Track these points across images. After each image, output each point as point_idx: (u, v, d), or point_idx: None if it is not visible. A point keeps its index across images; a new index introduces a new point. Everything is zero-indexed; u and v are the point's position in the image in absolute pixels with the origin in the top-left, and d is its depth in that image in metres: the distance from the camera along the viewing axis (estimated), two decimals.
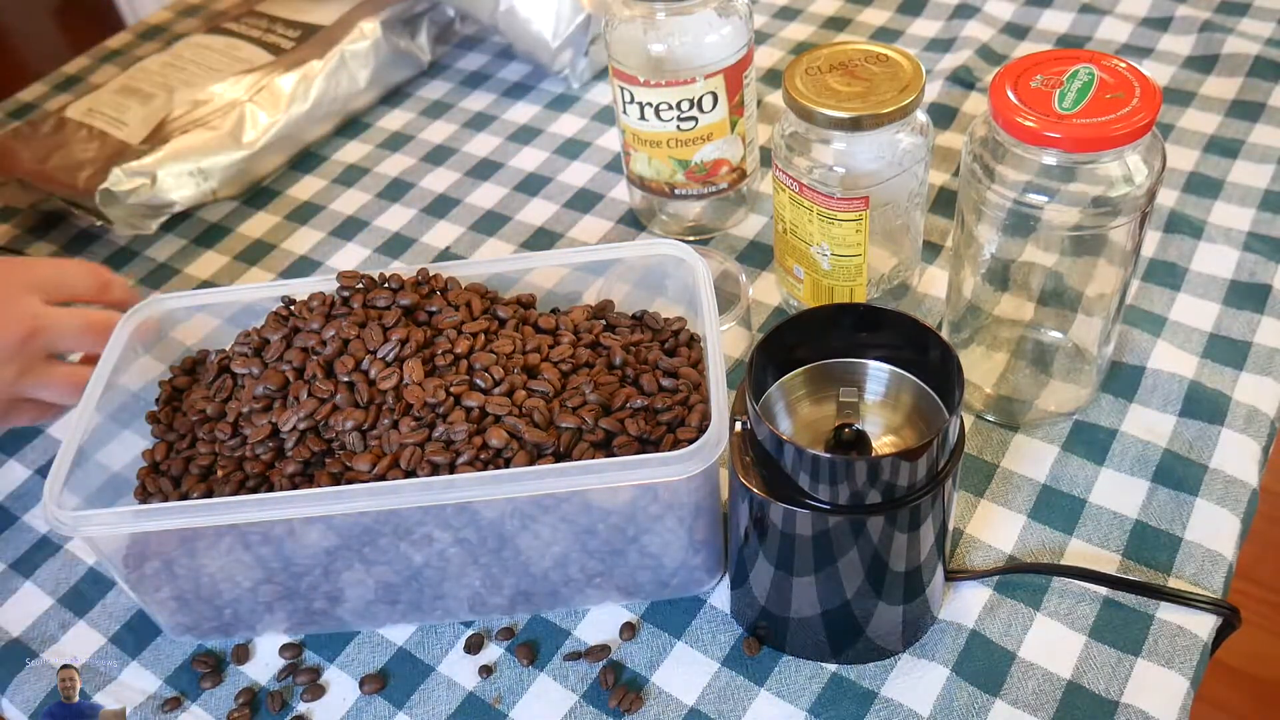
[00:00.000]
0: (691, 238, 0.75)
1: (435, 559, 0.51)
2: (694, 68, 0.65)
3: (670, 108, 0.67)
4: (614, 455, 0.50)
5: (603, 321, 0.58)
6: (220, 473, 0.53)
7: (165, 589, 0.52)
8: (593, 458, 0.50)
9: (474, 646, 0.54)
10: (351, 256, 0.78)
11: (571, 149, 0.85)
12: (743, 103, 0.69)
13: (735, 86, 0.67)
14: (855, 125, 0.57)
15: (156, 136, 0.80)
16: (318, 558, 0.51)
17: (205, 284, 0.78)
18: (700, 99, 0.66)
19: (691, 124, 0.68)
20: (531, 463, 0.50)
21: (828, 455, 0.44)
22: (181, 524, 0.48)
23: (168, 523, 0.48)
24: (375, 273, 0.57)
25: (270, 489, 0.52)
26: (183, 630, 0.55)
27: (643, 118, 0.68)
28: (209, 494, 0.53)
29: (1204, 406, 0.60)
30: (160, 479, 0.54)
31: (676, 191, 0.72)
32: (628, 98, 0.68)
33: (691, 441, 0.47)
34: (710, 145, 0.69)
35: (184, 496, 0.53)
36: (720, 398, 0.48)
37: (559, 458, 0.50)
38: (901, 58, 0.59)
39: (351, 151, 0.88)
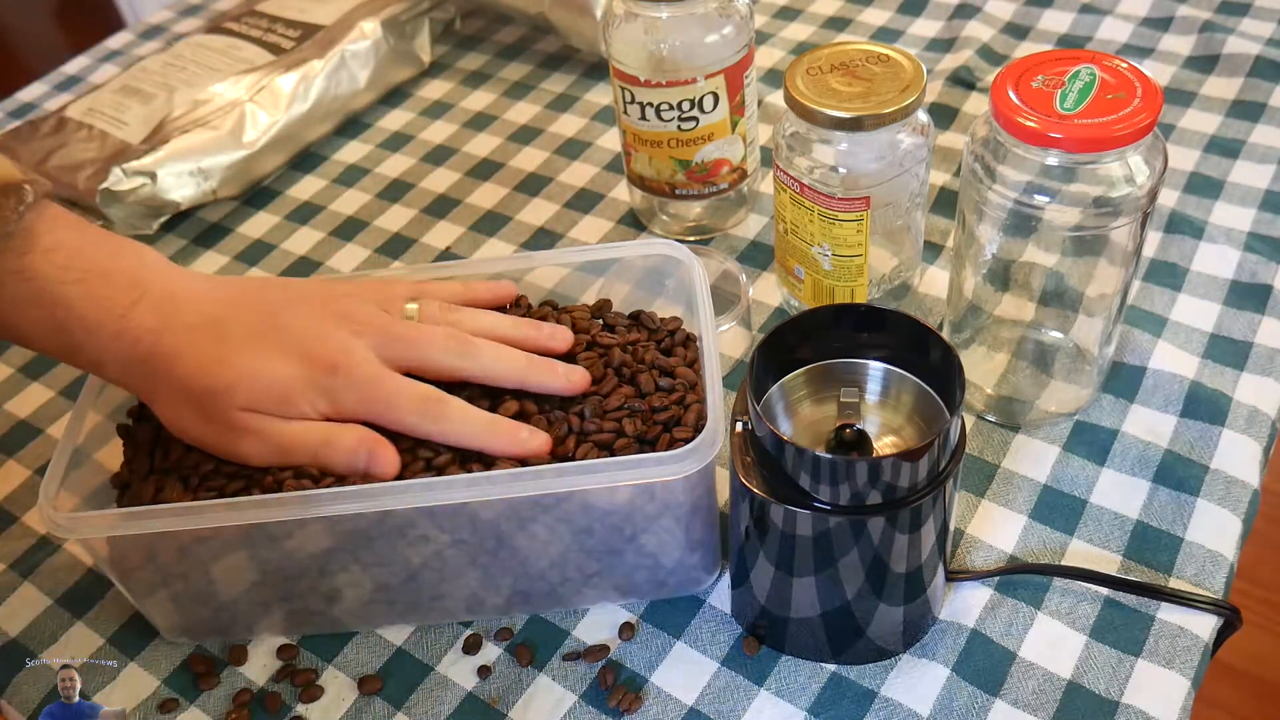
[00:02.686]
0: (692, 238, 0.75)
1: (433, 560, 0.51)
2: (695, 68, 0.65)
3: (671, 108, 0.67)
4: (611, 455, 0.50)
5: (600, 321, 0.58)
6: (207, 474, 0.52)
7: (161, 591, 0.52)
8: (591, 458, 0.50)
9: (472, 647, 0.54)
10: (351, 257, 0.78)
11: (571, 149, 0.85)
12: (743, 102, 0.69)
13: (736, 86, 0.67)
14: (856, 125, 0.57)
15: (157, 136, 0.80)
16: (314, 559, 0.51)
17: None
18: (701, 99, 0.66)
19: (692, 124, 0.68)
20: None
21: (828, 456, 0.44)
22: (178, 526, 0.47)
23: (165, 524, 0.47)
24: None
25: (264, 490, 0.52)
26: (179, 632, 0.55)
27: (643, 118, 0.68)
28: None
29: (1205, 407, 0.60)
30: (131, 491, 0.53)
31: (677, 191, 0.72)
32: (628, 98, 0.68)
33: (688, 441, 0.47)
34: (711, 145, 0.69)
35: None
36: (716, 397, 0.48)
37: (556, 458, 0.50)
38: (903, 58, 0.59)
39: (351, 151, 0.88)
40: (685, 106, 0.67)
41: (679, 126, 0.68)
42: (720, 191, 0.72)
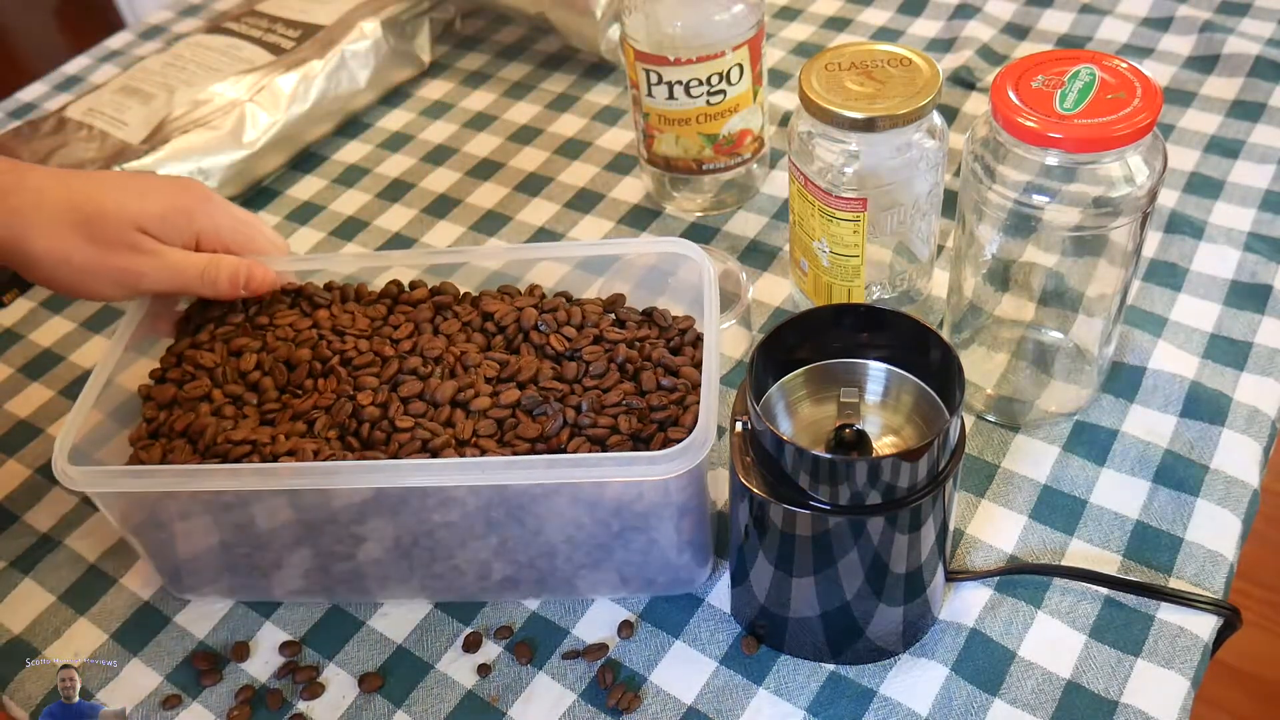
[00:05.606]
0: (713, 211, 0.77)
1: (424, 538, 0.52)
2: (721, 40, 0.67)
3: (700, 83, 0.68)
4: (604, 451, 0.51)
5: (612, 315, 0.58)
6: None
7: (173, 547, 0.54)
8: (582, 452, 0.50)
9: (472, 645, 0.54)
10: None
11: (571, 149, 0.85)
12: (762, 72, 0.71)
13: (756, 56, 0.69)
14: (869, 126, 0.57)
15: (157, 136, 0.80)
16: (308, 530, 0.52)
17: None
18: (729, 71, 0.68)
19: (720, 97, 0.69)
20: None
21: (828, 455, 0.44)
22: (180, 487, 0.49)
23: (168, 485, 0.49)
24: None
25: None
26: (185, 589, 0.57)
27: (671, 97, 0.69)
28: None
29: (1205, 407, 0.60)
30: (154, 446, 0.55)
31: (704, 166, 0.73)
32: (654, 79, 0.69)
33: (681, 441, 0.48)
34: (736, 117, 0.71)
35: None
36: (711, 399, 0.48)
37: (551, 450, 0.51)
38: (923, 62, 0.59)
39: (351, 151, 0.88)
40: (714, 80, 0.68)
41: (708, 101, 0.69)
42: (744, 162, 0.74)
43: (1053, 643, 0.51)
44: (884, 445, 0.48)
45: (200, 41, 0.90)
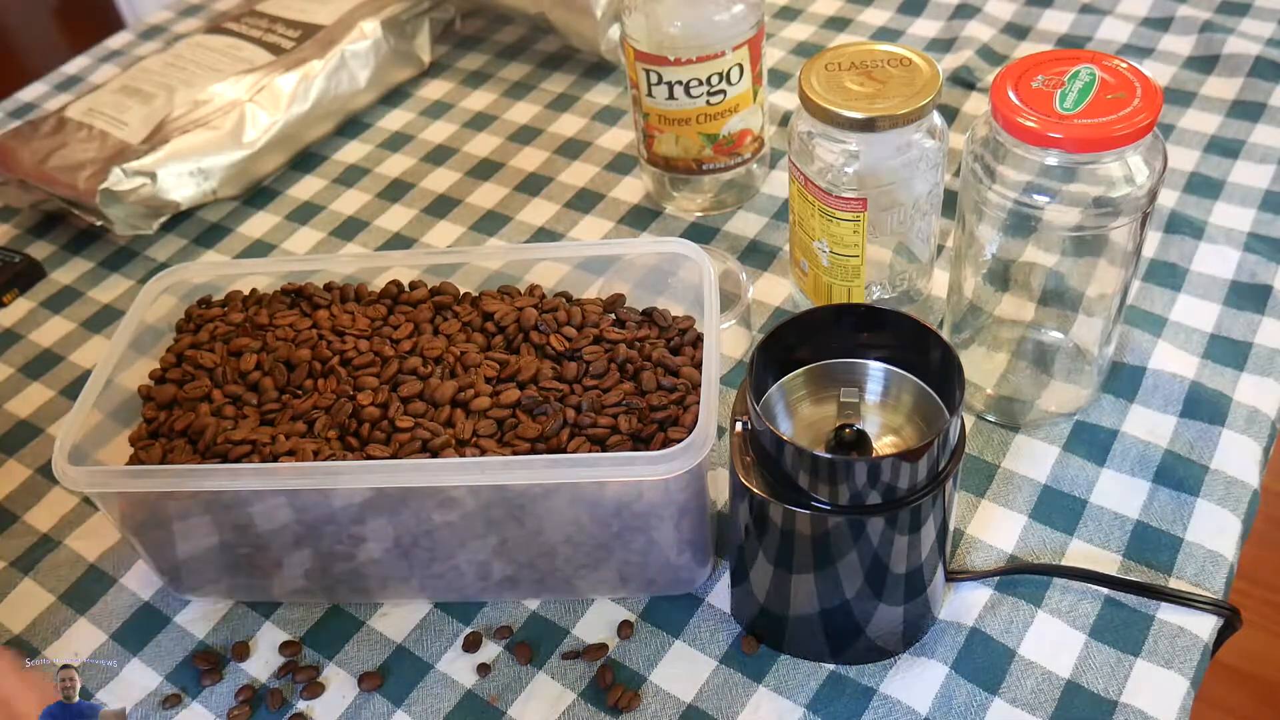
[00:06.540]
0: (713, 211, 0.77)
1: (423, 539, 0.52)
2: (721, 40, 0.67)
3: (700, 83, 0.68)
4: (604, 451, 0.51)
5: (612, 315, 0.58)
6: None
7: (173, 547, 0.54)
8: (582, 451, 0.50)
9: (472, 645, 0.54)
10: None
11: (571, 149, 0.85)
12: (762, 72, 0.71)
13: (756, 56, 0.70)
14: (869, 126, 0.56)
15: (157, 136, 0.80)
16: (309, 530, 0.52)
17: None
18: (729, 71, 0.68)
19: (720, 97, 0.69)
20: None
21: (828, 455, 0.44)
22: (180, 488, 0.49)
23: (167, 485, 0.49)
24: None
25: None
26: (186, 588, 0.57)
27: (671, 97, 0.69)
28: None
29: (1205, 407, 0.60)
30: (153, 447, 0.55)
31: (704, 166, 0.73)
32: (654, 79, 0.69)
33: (681, 441, 0.48)
34: (736, 117, 0.71)
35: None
36: (711, 399, 0.48)
37: (551, 450, 0.51)
38: (923, 62, 0.59)
39: (351, 151, 0.88)
40: (714, 80, 0.68)
41: (708, 101, 0.69)
42: (744, 161, 0.74)
43: (1052, 642, 0.51)
44: (884, 445, 0.48)
45: (200, 41, 0.90)
